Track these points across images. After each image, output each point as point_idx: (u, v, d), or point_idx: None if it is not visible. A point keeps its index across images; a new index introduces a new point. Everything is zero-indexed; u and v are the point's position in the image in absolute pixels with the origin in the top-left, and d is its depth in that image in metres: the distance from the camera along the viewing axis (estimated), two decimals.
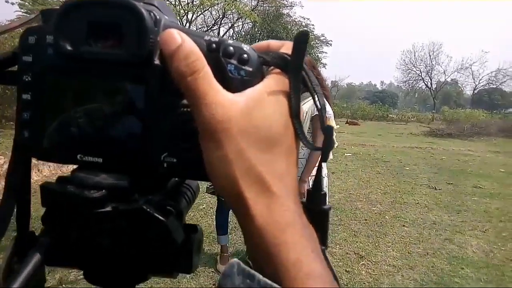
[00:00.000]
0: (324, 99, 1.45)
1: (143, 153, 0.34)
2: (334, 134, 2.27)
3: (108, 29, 0.32)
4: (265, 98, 0.31)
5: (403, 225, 4.87)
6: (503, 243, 4.44)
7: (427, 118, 32.70)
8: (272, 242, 0.29)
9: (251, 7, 25.12)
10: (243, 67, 0.32)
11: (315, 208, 0.36)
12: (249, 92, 0.31)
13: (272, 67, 0.34)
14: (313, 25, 30.28)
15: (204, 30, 25.45)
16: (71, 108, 0.34)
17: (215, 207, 3.67)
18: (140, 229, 0.34)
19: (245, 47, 0.33)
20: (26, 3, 18.06)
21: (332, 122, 3.08)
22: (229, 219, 3.62)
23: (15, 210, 0.38)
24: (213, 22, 25.58)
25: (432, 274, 3.60)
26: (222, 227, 3.51)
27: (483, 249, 4.25)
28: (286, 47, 0.35)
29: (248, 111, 0.30)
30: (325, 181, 3.15)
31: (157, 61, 0.32)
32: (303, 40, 0.32)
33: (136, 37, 0.31)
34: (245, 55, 0.32)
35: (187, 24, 23.92)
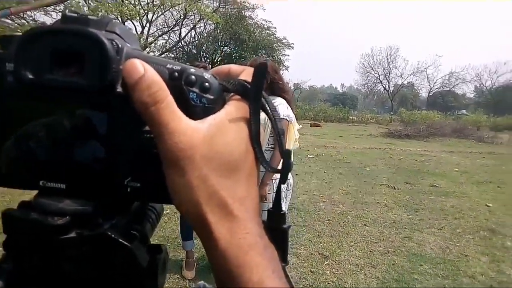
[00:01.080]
0: (287, 104, 1.49)
1: (107, 178, 0.35)
2: (296, 143, 2.29)
3: (70, 58, 0.32)
4: (226, 125, 0.33)
5: (365, 225, 4.99)
6: (458, 239, 4.65)
7: (385, 120, 33.89)
8: (234, 264, 0.31)
9: (212, 9, 24.98)
10: (205, 95, 0.33)
11: (275, 227, 0.38)
12: (211, 119, 0.32)
13: (232, 94, 0.35)
14: (275, 27, 30.55)
15: (165, 30, 25.05)
16: (33, 135, 0.34)
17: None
18: (105, 254, 0.34)
19: (207, 75, 0.33)
20: None
21: (295, 125, 3.11)
22: None
23: None
24: (174, 22, 25.21)
25: (393, 272, 3.71)
26: (187, 233, 3.45)
27: (440, 246, 4.42)
28: (246, 72, 0.37)
29: (210, 138, 0.31)
30: (290, 182, 3.18)
31: (119, 89, 0.32)
32: (263, 70, 0.34)
33: (98, 66, 0.31)
34: (207, 83, 0.33)
35: (147, 25, 23.50)
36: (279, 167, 0.37)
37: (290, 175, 3.19)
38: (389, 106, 54.49)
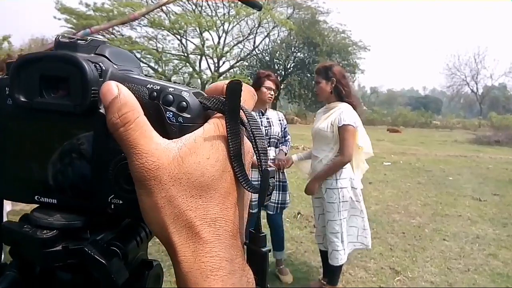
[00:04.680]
0: (353, 110, 1.51)
1: (92, 195, 0.36)
2: (361, 149, 2.22)
3: (57, 82, 0.35)
4: (200, 144, 0.32)
5: (444, 239, 4.66)
6: None
7: (473, 125, 31.38)
8: None
9: (286, 15, 25.14)
10: (182, 114, 0.33)
11: (255, 250, 0.37)
12: (185, 138, 0.32)
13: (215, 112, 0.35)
14: (350, 31, 30.01)
15: (240, 39, 25.75)
16: (29, 153, 0.37)
17: None
18: (87, 267, 0.36)
19: (185, 94, 0.34)
20: (72, 19, 19.16)
21: (361, 132, 3.02)
22: None
23: None
24: (249, 31, 25.81)
25: None
26: None
27: None
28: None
29: (181, 158, 0.31)
30: (358, 192, 3.07)
31: (102, 110, 0.34)
32: (234, 88, 0.33)
33: (80, 89, 0.34)
34: (184, 103, 0.34)
35: (224, 35, 24.35)
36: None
37: (361, 184, 3.09)
38: (477, 110, 50.25)
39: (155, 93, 0.34)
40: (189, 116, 0.33)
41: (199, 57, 24.38)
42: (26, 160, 0.37)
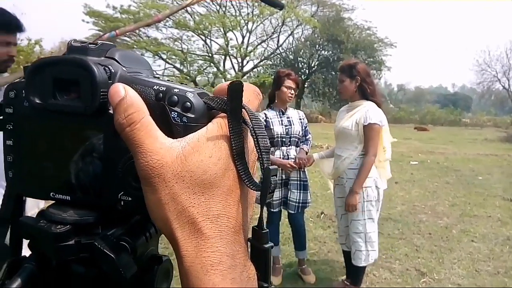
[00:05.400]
0: (378, 108, 1.49)
1: (103, 192, 0.38)
2: (386, 151, 2.17)
3: (69, 84, 0.37)
4: (203, 143, 0.33)
5: (472, 241, 4.53)
6: None
7: (504, 122, 30.31)
8: (194, 283, 0.31)
9: (310, 13, 24.97)
10: (186, 114, 0.34)
11: (257, 246, 0.38)
12: (189, 137, 0.33)
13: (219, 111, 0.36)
14: (375, 27, 29.46)
15: (264, 39, 25.73)
16: (44, 153, 0.40)
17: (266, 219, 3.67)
18: (97, 261, 0.38)
19: (190, 95, 0.35)
20: (100, 22, 19.66)
21: (385, 132, 2.96)
22: (281, 230, 3.61)
23: (9, 237, 0.44)
24: (272, 30, 25.77)
25: None
26: (273, 239, 3.49)
27: None
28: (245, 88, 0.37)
29: (184, 157, 0.32)
30: (380, 192, 3.01)
31: (111, 111, 0.35)
32: (237, 87, 0.34)
33: (90, 91, 0.36)
34: (188, 103, 0.35)
35: (247, 34, 24.40)
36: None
37: (384, 185, 3.03)
38: (509, 107, 48.45)
39: (161, 94, 0.35)
40: (193, 116, 0.35)
41: (223, 57, 24.55)
42: (41, 158, 0.40)
